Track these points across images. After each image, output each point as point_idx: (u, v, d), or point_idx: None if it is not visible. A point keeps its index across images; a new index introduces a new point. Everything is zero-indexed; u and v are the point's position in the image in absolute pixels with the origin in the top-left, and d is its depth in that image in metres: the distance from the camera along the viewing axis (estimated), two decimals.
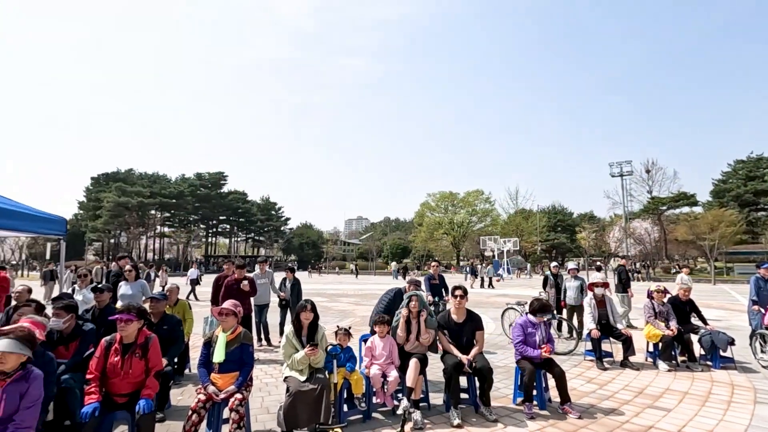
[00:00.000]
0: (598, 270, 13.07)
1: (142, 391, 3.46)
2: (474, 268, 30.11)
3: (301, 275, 14.41)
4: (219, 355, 3.81)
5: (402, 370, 4.61)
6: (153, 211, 69.34)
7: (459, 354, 4.68)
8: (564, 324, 8.92)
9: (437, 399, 4.98)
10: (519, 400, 4.86)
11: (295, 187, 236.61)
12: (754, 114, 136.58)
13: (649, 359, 6.87)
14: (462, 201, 62.18)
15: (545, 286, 9.58)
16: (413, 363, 4.47)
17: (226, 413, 3.65)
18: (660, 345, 6.55)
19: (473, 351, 4.74)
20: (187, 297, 17.19)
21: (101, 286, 5.53)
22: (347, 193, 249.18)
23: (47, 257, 35.89)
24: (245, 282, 7.12)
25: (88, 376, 3.46)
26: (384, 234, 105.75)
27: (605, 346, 6.91)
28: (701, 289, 22.13)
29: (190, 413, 3.52)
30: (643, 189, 52.76)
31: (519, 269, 46.27)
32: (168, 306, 5.68)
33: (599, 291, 7.13)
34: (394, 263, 47.69)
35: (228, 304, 4.07)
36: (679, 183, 55.90)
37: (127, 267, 7.27)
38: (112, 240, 68.91)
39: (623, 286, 10.72)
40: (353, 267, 47.87)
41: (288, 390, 3.93)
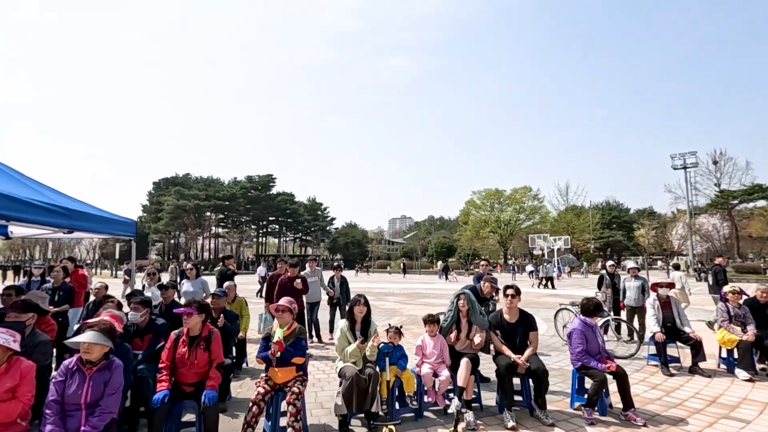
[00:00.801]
0: (676, 269, 12.18)
1: (206, 382, 3.69)
2: (537, 267, 29.08)
3: (348, 274, 14.60)
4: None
5: (453, 369, 4.58)
6: (208, 213, 73.11)
7: (512, 355, 4.57)
8: (623, 326, 8.45)
9: (490, 400, 4.89)
10: (577, 404, 4.67)
11: (340, 187, 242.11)
12: None
13: (722, 366, 6.33)
14: (509, 198, 60.29)
15: (600, 286, 9.09)
16: (464, 362, 4.46)
17: (283, 406, 3.79)
18: (736, 351, 6.02)
19: (527, 352, 4.60)
20: (258, 294, 17.91)
21: (166, 283, 5.98)
22: (391, 192, 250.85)
23: (116, 257, 39.06)
24: (298, 280, 7.36)
25: (159, 365, 3.77)
26: (428, 233, 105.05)
27: (671, 350, 6.46)
28: None
29: (250, 405, 3.69)
30: (710, 182, 48.57)
31: (571, 268, 44.24)
32: (227, 303, 6.03)
33: (663, 291, 6.67)
34: (440, 262, 47.23)
35: (284, 301, 4.22)
36: (753, 174, 50.70)
37: (189, 266, 7.79)
38: (172, 240, 73.63)
39: (719, 286, 9.74)
40: (402, 265, 47.80)
41: (345, 375, 4.10)
